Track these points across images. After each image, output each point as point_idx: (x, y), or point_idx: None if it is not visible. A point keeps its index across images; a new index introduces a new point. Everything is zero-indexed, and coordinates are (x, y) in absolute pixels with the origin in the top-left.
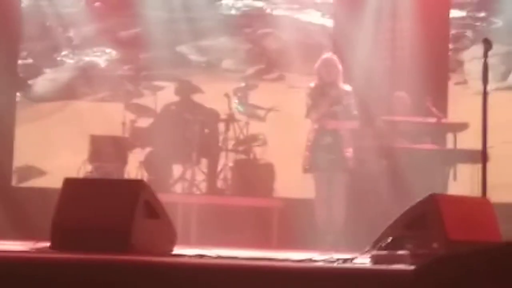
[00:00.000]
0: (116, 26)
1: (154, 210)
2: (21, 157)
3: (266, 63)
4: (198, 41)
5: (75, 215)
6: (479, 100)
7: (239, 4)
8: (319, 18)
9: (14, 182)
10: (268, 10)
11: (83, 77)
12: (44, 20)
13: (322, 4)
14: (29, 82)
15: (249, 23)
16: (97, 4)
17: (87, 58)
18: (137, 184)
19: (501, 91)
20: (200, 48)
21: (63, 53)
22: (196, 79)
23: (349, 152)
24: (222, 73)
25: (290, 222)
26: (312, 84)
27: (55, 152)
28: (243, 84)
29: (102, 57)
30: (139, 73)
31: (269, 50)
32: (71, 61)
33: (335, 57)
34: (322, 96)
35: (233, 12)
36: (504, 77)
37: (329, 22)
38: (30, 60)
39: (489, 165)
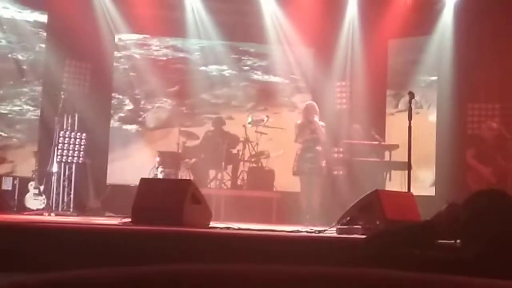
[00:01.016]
0: (164, 84)
1: (197, 198)
2: (115, 164)
3: (255, 101)
4: (211, 91)
5: (147, 202)
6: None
7: (215, 67)
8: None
9: (108, 181)
10: (227, 73)
11: (159, 116)
12: (125, 79)
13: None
14: (140, 119)
15: (229, 80)
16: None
17: (157, 105)
18: (186, 182)
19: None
20: (215, 95)
21: (142, 102)
22: (223, 114)
23: (323, 163)
24: (234, 108)
25: (284, 207)
26: (299, 121)
27: (138, 161)
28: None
29: (164, 104)
30: (191, 111)
31: (249, 94)
32: (150, 107)
33: (314, 103)
34: (305, 128)
35: (214, 73)
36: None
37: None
38: (123, 104)
39: (412, 171)
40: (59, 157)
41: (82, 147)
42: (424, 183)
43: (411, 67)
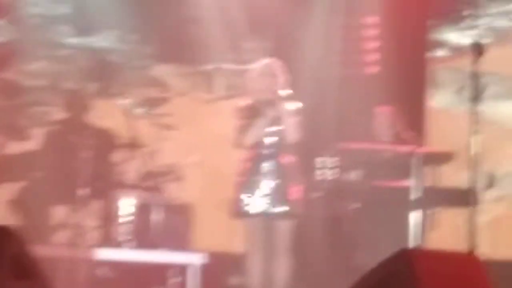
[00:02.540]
0: None
1: (25, 268)
2: None
3: (98, 78)
4: (21, 67)
5: None
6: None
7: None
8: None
9: None
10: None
11: None
12: None
13: None
14: None
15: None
16: None
17: None
18: (1, 232)
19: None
20: (24, 73)
21: None
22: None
23: (296, 192)
24: (72, 93)
25: (212, 284)
26: (243, 103)
27: None
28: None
29: None
30: (7, 102)
31: (80, 67)
32: None
33: (278, 64)
34: (257, 118)
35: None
36: None
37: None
38: None
39: (480, 209)
40: None
41: None
42: (504, 235)
43: None
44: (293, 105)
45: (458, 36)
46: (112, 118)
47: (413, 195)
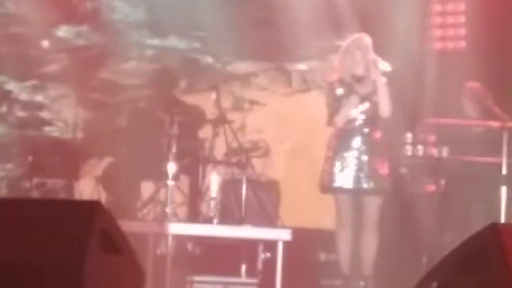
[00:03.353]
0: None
1: (115, 243)
2: None
3: (188, 76)
4: (115, 67)
5: (7, 248)
6: None
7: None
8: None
9: None
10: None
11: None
12: None
13: None
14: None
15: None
16: None
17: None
18: (91, 207)
19: None
20: (119, 72)
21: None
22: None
23: (385, 167)
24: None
25: (301, 260)
26: (334, 78)
27: None
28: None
29: (54, 93)
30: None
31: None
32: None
33: (368, 39)
34: (348, 93)
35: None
36: None
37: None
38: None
39: None
40: None
41: None
42: None
43: None
44: (382, 79)
45: None
46: (200, 101)
47: (504, 171)
